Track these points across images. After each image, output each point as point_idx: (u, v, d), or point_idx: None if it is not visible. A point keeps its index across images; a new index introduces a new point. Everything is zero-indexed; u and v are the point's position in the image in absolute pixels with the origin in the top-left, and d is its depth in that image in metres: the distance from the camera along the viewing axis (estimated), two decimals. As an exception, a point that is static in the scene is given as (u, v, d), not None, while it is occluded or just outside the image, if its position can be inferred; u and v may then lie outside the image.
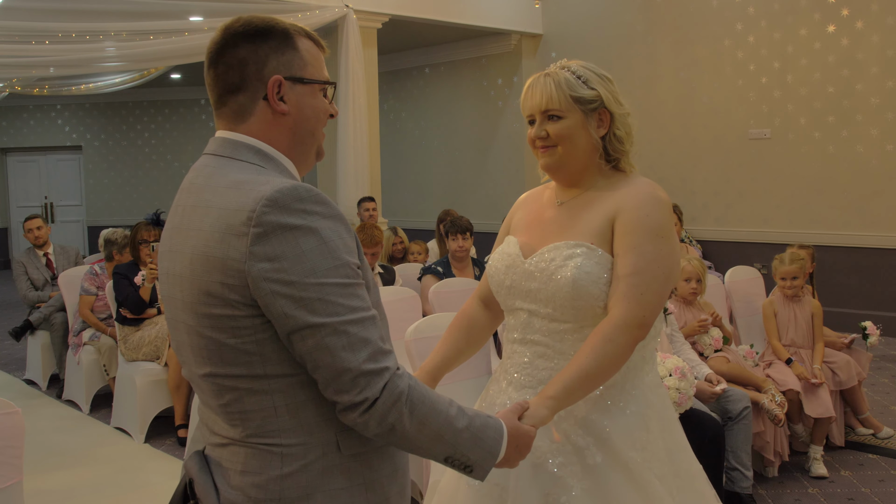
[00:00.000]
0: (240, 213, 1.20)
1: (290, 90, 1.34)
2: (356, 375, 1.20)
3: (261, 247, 1.18)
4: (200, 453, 1.36)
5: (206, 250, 1.23)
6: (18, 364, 6.38)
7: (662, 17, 8.07)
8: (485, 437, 1.32)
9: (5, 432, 1.91)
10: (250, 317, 1.22)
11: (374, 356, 1.21)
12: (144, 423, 4.58)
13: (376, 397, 1.20)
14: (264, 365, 1.24)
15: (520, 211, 1.92)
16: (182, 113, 13.18)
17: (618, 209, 1.69)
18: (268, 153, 1.33)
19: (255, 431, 1.27)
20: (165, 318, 1.40)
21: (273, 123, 1.34)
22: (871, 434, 4.21)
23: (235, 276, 1.20)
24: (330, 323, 1.19)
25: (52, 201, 13.30)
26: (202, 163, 1.35)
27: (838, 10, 6.90)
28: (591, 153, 1.74)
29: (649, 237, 1.65)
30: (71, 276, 5.40)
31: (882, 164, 6.78)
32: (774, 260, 4.14)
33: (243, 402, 1.26)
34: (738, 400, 3.40)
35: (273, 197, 1.20)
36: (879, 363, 5.75)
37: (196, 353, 1.29)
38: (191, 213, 1.29)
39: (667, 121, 8.07)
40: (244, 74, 1.32)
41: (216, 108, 1.37)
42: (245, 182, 1.25)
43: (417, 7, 7.64)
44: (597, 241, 1.69)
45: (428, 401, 1.26)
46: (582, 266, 1.65)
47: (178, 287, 1.29)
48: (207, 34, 6.61)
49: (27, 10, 5.98)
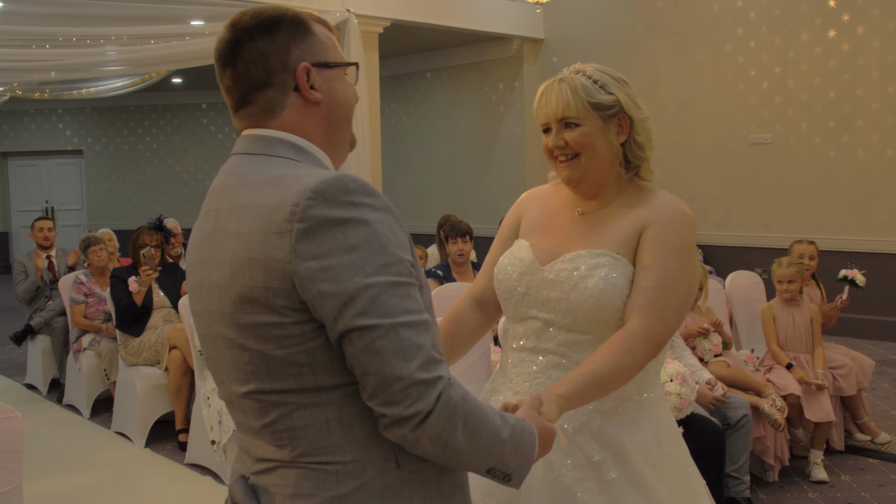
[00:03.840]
0: (281, 209, 1.10)
1: (318, 76, 1.25)
2: (408, 385, 1.08)
3: (306, 244, 1.08)
4: (244, 479, 1.24)
5: (248, 253, 1.12)
6: (19, 369, 6.37)
7: (663, 22, 8.08)
8: (523, 442, 1.21)
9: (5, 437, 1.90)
10: (299, 323, 1.11)
11: (427, 364, 1.10)
12: (145, 427, 4.57)
13: (430, 410, 1.09)
14: (315, 376, 1.14)
15: (531, 210, 1.81)
16: (183, 117, 13.20)
17: (647, 221, 1.63)
18: (303, 147, 1.24)
19: (306, 450, 1.16)
20: (198, 336, 1.29)
21: (307, 115, 1.25)
22: (868, 440, 4.21)
23: (280, 277, 1.10)
24: (381, 325, 1.08)
25: (53, 205, 13.30)
26: (232, 163, 1.25)
27: (839, 15, 6.91)
28: (612, 161, 1.67)
29: (676, 254, 1.60)
30: (70, 281, 5.39)
31: (882, 168, 6.78)
32: (774, 263, 4.14)
33: (292, 418, 1.15)
34: (738, 407, 3.40)
35: (318, 189, 1.10)
36: (881, 368, 5.74)
37: (238, 369, 1.18)
38: (226, 216, 1.19)
39: (668, 125, 8.07)
40: (268, 68, 1.22)
41: (239, 108, 1.27)
42: (284, 176, 1.15)
43: (419, 11, 7.65)
44: (621, 250, 1.63)
45: (479, 412, 1.15)
46: (608, 276, 1.59)
47: (215, 298, 1.18)
48: (208, 38, 6.61)
49: (28, 14, 5.98)
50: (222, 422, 3.88)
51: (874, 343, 6.66)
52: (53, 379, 5.75)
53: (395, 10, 7.48)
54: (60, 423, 5.05)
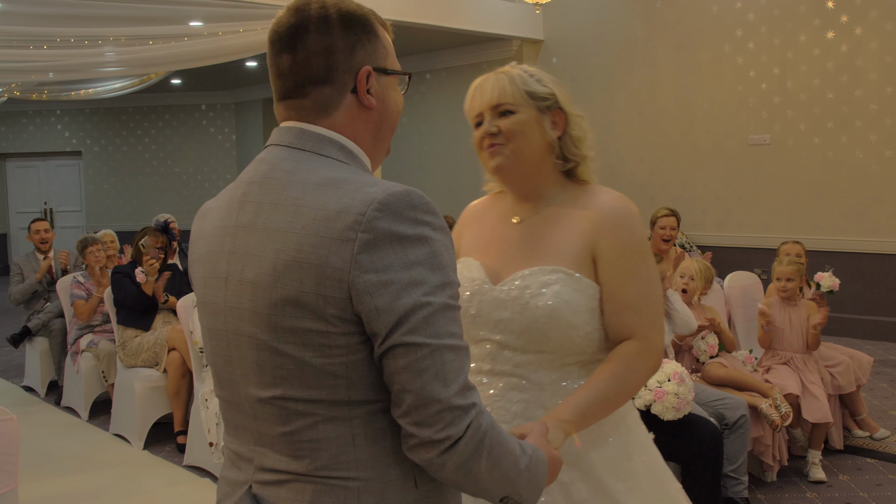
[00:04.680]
0: (344, 216, 1.06)
1: (376, 82, 1.22)
2: (444, 409, 1.06)
3: (367, 256, 1.05)
4: (250, 492, 1.18)
5: (299, 255, 1.07)
6: (17, 371, 6.36)
7: (663, 23, 8.08)
8: (537, 472, 1.19)
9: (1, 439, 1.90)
10: (345, 334, 1.08)
11: (463, 390, 1.08)
12: (143, 429, 4.56)
13: (459, 436, 1.06)
14: (349, 389, 1.10)
15: (469, 229, 1.75)
16: (182, 118, 13.19)
17: (597, 231, 1.56)
18: (352, 150, 1.20)
19: (326, 464, 1.12)
20: (206, 329, 1.23)
21: (358, 118, 1.21)
22: (867, 436, 4.20)
23: (336, 286, 1.06)
24: (428, 344, 1.06)
25: (52, 207, 13.30)
26: (277, 155, 1.18)
27: (837, 17, 6.91)
28: (545, 154, 1.60)
29: (639, 258, 1.56)
30: (66, 284, 5.38)
31: (881, 169, 6.79)
32: (774, 261, 4.14)
33: (317, 429, 1.11)
34: (736, 407, 3.39)
35: (386, 201, 1.07)
36: (879, 368, 5.74)
37: (263, 372, 1.13)
38: (270, 210, 1.13)
39: (667, 126, 8.07)
40: (331, 64, 1.18)
41: (289, 98, 1.20)
42: (344, 181, 1.12)
43: (418, 13, 7.65)
44: (574, 266, 1.56)
45: (504, 441, 1.13)
46: (560, 294, 1.53)
47: (247, 296, 1.12)
48: (207, 39, 6.61)
49: (26, 14, 5.97)
50: (220, 423, 3.88)
51: (872, 343, 6.66)
52: (51, 381, 5.74)
53: (394, 10, 7.48)
54: (58, 425, 5.04)
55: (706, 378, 3.72)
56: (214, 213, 1.23)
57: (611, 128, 8.51)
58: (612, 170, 8.55)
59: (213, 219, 1.23)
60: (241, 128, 13.19)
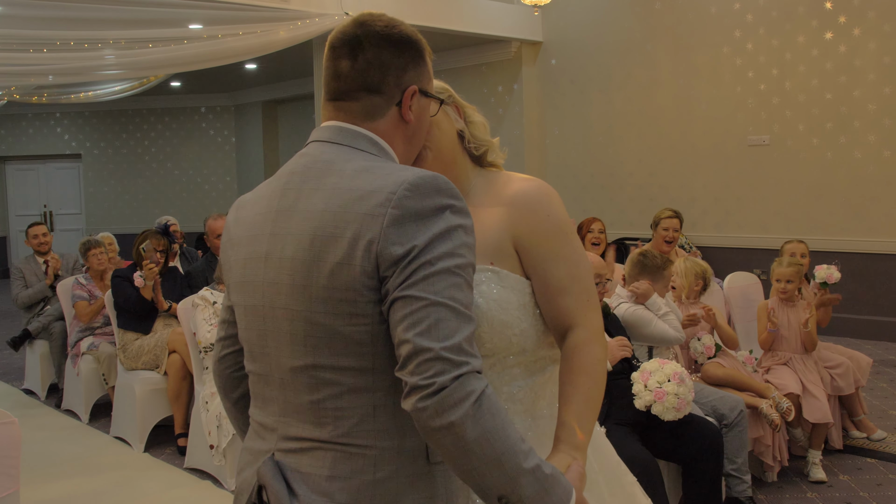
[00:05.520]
0: (378, 194, 1.19)
1: (417, 101, 1.37)
2: (433, 357, 1.11)
3: (395, 229, 1.17)
4: (272, 459, 1.27)
5: (335, 231, 1.20)
6: (17, 374, 6.37)
7: (662, 25, 8.10)
8: (552, 492, 1.16)
9: (2, 442, 1.90)
10: (372, 302, 1.18)
11: (457, 349, 1.13)
12: (144, 432, 4.57)
13: (444, 385, 1.10)
14: (374, 358, 1.20)
15: None
16: (182, 121, 13.20)
17: (512, 221, 1.54)
18: (384, 147, 1.33)
19: (347, 431, 1.21)
20: (241, 306, 1.33)
21: (396, 129, 1.36)
22: (864, 437, 4.21)
23: (365, 257, 1.17)
24: (424, 298, 1.14)
25: (52, 210, 13.30)
26: (318, 149, 1.32)
27: (835, 18, 6.93)
28: (457, 143, 1.62)
29: (561, 239, 1.54)
30: (68, 286, 5.39)
31: (880, 169, 6.80)
32: (774, 262, 4.13)
33: (342, 399, 1.21)
34: (733, 406, 3.40)
35: (416, 182, 1.19)
36: (878, 367, 5.75)
37: (296, 342, 1.24)
38: (310, 195, 1.25)
39: (666, 127, 8.08)
40: (385, 77, 1.32)
41: (340, 99, 1.34)
42: (379, 167, 1.24)
43: (417, 15, 7.66)
44: (497, 260, 1.53)
45: (500, 418, 1.13)
46: (488, 293, 1.50)
47: (286, 271, 1.24)
48: (207, 42, 6.62)
49: (25, 18, 5.98)
50: (221, 426, 3.88)
51: (872, 343, 6.66)
52: (52, 384, 5.74)
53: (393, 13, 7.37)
54: (59, 428, 5.04)
55: (705, 378, 3.73)
56: (253, 204, 1.36)
57: (610, 129, 8.52)
58: (611, 171, 8.56)
59: (253, 207, 1.35)
60: (240, 130, 13.20)
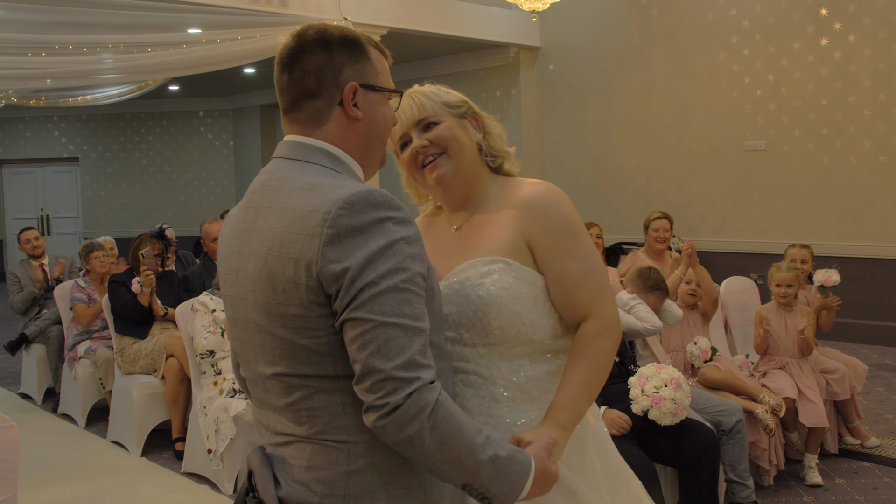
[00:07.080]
0: (315, 215, 1.24)
1: (364, 97, 1.39)
2: (384, 378, 1.19)
3: (331, 248, 1.21)
4: (262, 449, 1.37)
5: (282, 250, 1.26)
6: (13, 378, 6.36)
7: (659, 30, 8.12)
8: (509, 472, 1.27)
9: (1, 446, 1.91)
10: (322, 317, 1.24)
11: (407, 365, 1.20)
12: (141, 436, 4.56)
13: (398, 404, 1.18)
14: (335, 365, 1.27)
15: None
16: (180, 125, 13.20)
17: (525, 220, 1.60)
18: (340, 158, 1.37)
19: (322, 428, 1.29)
20: (227, 318, 1.42)
21: (347, 129, 1.38)
22: (858, 444, 4.22)
23: (308, 276, 1.23)
24: (372, 320, 1.20)
25: (49, 213, 13.28)
26: (275, 166, 1.38)
27: (831, 24, 6.96)
28: (476, 155, 1.68)
29: (573, 236, 1.60)
30: (65, 290, 5.38)
31: (875, 175, 6.82)
32: (772, 267, 4.13)
33: (312, 399, 1.29)
34: (732, 413, 3.41)
35: (349, 200, 1.23)
36: (874, 372, 5.76)
37: (267, 352, 1.31)
38: (265, 214, 1.32)
39: (663, 132, 8.11)
40: (320, 80, 1.36)
41: (288, 112, 1.40)
42: (320, 185, 1.29)
43: (416, 20, 7.68)
44: (511, 254, 1.59)
45: (454, 421, 1.22)
46: (500, 282, 1.56)
47: (250, 287, 1.32)
48: (205, 46, 6.63)
49: (24, 22, 5.98)
50: (219, 430, 3.88)
51: (868, 347, 6.68)
52: (48, 388, 5.74)
53: (392, 18, 7.51)
54: (56, 432, 5.03)
55: (702, 381, 3.74)
56: (232, 219, 1.43)
57: (607, 134, 8.54)
58: (608, 176, 8.58)
59: (230, 224, 1.43)
60: (238, 134, 13.20)
